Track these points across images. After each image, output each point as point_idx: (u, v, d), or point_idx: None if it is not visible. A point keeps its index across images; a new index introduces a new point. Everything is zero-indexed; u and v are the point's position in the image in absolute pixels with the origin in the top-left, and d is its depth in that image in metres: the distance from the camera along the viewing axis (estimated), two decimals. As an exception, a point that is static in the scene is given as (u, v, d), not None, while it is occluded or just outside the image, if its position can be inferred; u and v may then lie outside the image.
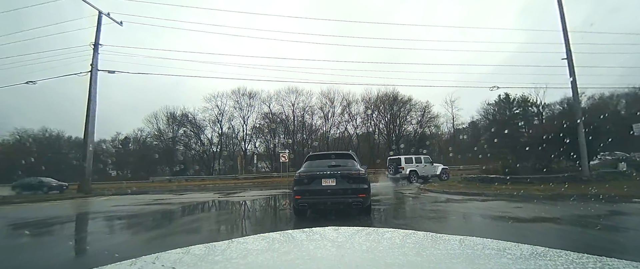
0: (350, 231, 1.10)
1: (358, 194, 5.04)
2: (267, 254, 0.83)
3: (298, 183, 5.29)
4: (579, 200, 6.63)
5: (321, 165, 5.53)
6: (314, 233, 1.09)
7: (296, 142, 36.81)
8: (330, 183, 5.14)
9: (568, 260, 0.71)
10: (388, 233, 1.05)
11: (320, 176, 5.20)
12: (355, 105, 37.80)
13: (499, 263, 0.71)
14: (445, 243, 0.91)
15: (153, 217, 6.83)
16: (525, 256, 0.76)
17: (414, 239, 0.98)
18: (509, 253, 0.79)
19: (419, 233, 1.08)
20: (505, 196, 7.92)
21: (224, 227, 5.38)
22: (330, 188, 5.10)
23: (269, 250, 0.88)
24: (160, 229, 5.20)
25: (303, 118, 37.78)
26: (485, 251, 0.83)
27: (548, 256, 0.75)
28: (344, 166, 5.41)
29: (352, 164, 5.52)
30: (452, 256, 0.78)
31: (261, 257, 0.81)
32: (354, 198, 5.03)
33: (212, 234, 4.60)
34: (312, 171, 5.34)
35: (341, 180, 5.14)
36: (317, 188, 5.13)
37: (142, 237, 4.73)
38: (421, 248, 0.87)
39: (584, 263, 0.69)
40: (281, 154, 29.34)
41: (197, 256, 0.82)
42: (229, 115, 37.66)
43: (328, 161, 5.67)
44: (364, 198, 5.09)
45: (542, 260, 0.73)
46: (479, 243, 0.90)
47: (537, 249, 0.82)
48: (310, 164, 5.70)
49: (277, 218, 6.42)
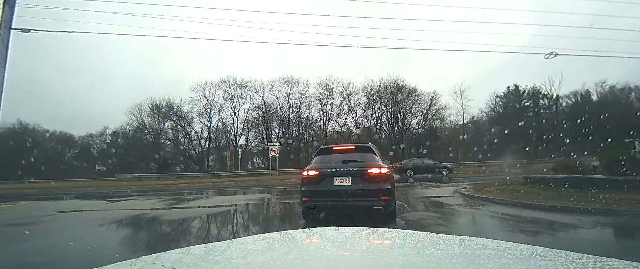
0: (350, 231, 1.16)
1: (379, 196, 4.44)
2: (267, 254, 0.88)
3: (306, 182, 4.79)
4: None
5: (334, 161, 4.99)
6: (314, 233, 1.15)
7: (292, 136, 36.71)
8: (344, 183, 4.59)
9: (568, 260, 0.75)
10: (388, 233, 1.10)
11: (332, 174, 4.66)
12: (355, 96, 37.55)
13: (499, 263, 0.75)
14: (445, 243, 0.97)
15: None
16: (525, 256, 0.81)
17: (414, 239, 1.03)
18: (509, 253, 0.84)
19: (419, 233, 1.13)
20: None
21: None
22: (345, 189, 4.54)
23: (269, 250, 0.93)
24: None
25: (299, 109, 37.57)
26: (485, 251, 0.87)
27: (548, 256, 0.79)
28: (361, 161, 4.84)
29: (372, 159, 4.92)
30: (452, 256, 0.83)
31: (261, 257, 0.85)
32: (374, 201, 4.42)
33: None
34: (322, 167, 4.82)
35: (358, 179, 4.57)
36: (329, 189, 4.60)
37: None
38: (421, 248, 0.93)
39: (584, 263, 0.72)
40: (270, 148, 28.19)
41: (197, 256, 0.87)
42: (219, 106, 37.38)
43: (342, 155, 5.09)
44: (387, 201, 4.48)
45: (542, 260, 0.77)
46: (479, 243, 0.95)
47: (537, 249, 0.86)
48: (321, 159, 5.18)
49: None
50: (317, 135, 37.78)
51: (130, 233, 5.68)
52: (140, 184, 24.56)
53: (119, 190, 18.92)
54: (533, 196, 6.87)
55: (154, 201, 10.50)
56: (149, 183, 25.59)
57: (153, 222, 6.50)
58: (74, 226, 6.52)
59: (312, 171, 4.80)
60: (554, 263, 0.73)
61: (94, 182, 28.05)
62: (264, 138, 35.87)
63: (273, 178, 25.02)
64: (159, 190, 17.22)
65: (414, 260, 0.80)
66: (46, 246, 4.61)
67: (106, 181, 28.18)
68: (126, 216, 7.18)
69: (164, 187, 19.69)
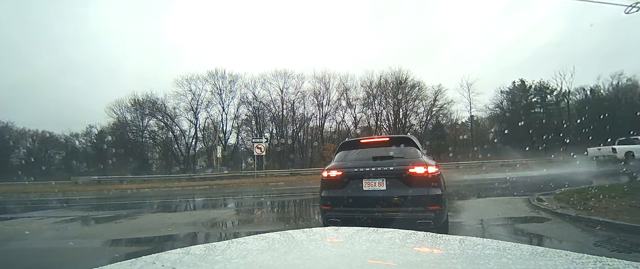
0: (350, 231, 1.22)
1: (427, 206, 3.58)
2: (267, 254, 0.93)
3: (326, 185, 4.07)
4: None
5: (362, 157, 4.16)
6: (314, 233, 1.21)
7: (286, 135, 36.63)
8: (377, 187, 3.77)
9: (568, 260, 0.80)
10: (388, 233, 1.16)
11: (360, 175, 3.85)
12: (353, 91, 37.44)
13: (499, 263, 0.79)
14: (445, 243, 1.03)
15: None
16: (525, 256, 0.86)
17: (414, 239, 1.10)
18: (509, 253, 0.89)
19: (419, 233, 1.20)
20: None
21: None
22: (378, 195, 3.73)
23: (269, 250, 0.99)
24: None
25: (293, 105, 37.44)
26: (485, 251, 0.93)
27: (548, 256, 0.85)
28: (400, 158, 3.97)
29: (413, 154, 4.07)
30: (452, 256, 0.90)
31: (261, 257, 0.91)
32: (419, 212, 3.57)
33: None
34: (347, 167, 4.03)
35: (396, 182, 3.72)
36: (356, 195, 3.82)
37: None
38: (421, 248, 0.99)
39: (584, 263, 0.76)
40: (255, 145, 26.84)
41: (197, 256, 0.92)
42: (207, 102, 37.08)
43: (373, 150, 4.20)
44: (438, 211, 3.60)
45: (542, 260, 0.82)
46: (479, 243, 1.01)
47: (537, 249, 0.92)
48: (345, 156, 4.36)
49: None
50: (314, 133, 37.71)
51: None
52: (95, 188, 23.15)
53: (44, 197, 17.58)
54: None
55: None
56: (107, 186, 23.86)
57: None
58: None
59: (333, 172, 4.02)
60: (554, 263, 0.77)
61: (31, 186, 24.89)
62: (255, 137, 35.72)
63: (256, 182, 23.05)
64: (87, 199, 15.85)
65: (414, 260, 0.86)
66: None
67: (57, 185, 25.15)
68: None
69: (115, 194, 18.07)
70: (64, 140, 40.86)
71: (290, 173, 27.89)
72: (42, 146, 40.70)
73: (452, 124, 39.03)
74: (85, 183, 26.73)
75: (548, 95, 37.14)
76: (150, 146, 38.77)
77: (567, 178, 11.23)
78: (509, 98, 38.81)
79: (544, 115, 36.99)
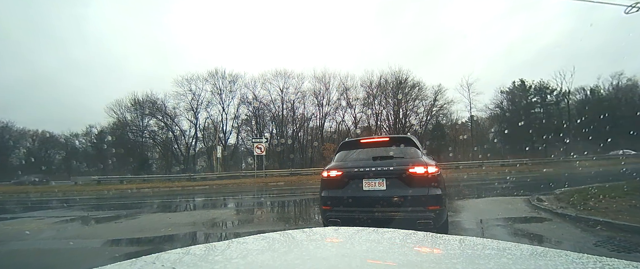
0: (350, 231, 1.22)
1: (427, 206, 3.63)
2: (267, 254, 0.94)
3: (326, 185, 4.14)
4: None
5: (362, 157, 4.24)
6: (314, 233, 1.21)
7: (286, 135, 36.65)
8: (377, 187, 3.83)
9: (568, 260, 0.80)
10: (388, 233, 1.16)
11: (360, 175, 3.90)
12: (353, 91, 37.44)
13: (499, 263, 0.79)
14: (445, 243, 1.03)
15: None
16: (525, 256, 0.86)
17: (414, 239, 1.10)
18: (509, 253, 0.89)
19: (419, 233, 1.20)
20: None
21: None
22: (378, 195, 3.79)
23: (269, 250, 0.99)
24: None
25: (293, 104, 37.47)
26: (485, 251, 0.93)
27: (548, 256, 0.85)
28: (400, 158, 4.05)
29: (413, 154, 4.13)
30: (452, 256, 0.90)
31: (261, 257, 0.91)
32: (419, 212, 3.62)
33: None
34: (347, 166, 4.10)
35: (396, 182, 3.78)
36: (356, 195, 3.88)
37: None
38: (421, 248, 0.99)
39: (584, 263, 0.76)
40: (255, 145, 26.70)
41: (197, 256, 0.92)
42: (207, 102, 37.11)
43: (373, 150, 4.28)
44: (438, 211, 3.66)
45: (542, 260, 0.82)
46: (479, 243, 1.02)
47: (537, 249, 0.92)
48: (345, 156, 4.42)
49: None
50: (314, 133, 37.72)
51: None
52: (95, 188, 23.16)
53: (45, 197, 17.69)
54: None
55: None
56: (107, 186, 23.92)
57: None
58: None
59: (333, 172, 4.07)
60: (554, 263, 0.78)
61: (30, 187, 25.12)
62: (255, 137, 35.70)
63: (256, 182, 22.93)
64: (86, 199, 16.03)
65: (414, 260, 0.86)
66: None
67: (57, 185, 25.49)
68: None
69: (115, 193, 18.19)
70: (64, 140, 41.06)
71: (290, 173, 27.95)
72: (42, 146, 40.78)
73: (452, 124, 39.03)
74: (85, 183, 26.79)
75: (548, 95, 37.22)
76: (150, 146, 38.79)
77: (567, 178, 11.21)
78: (509, 98, 38.90)
79: (544, 115, 37.05)
